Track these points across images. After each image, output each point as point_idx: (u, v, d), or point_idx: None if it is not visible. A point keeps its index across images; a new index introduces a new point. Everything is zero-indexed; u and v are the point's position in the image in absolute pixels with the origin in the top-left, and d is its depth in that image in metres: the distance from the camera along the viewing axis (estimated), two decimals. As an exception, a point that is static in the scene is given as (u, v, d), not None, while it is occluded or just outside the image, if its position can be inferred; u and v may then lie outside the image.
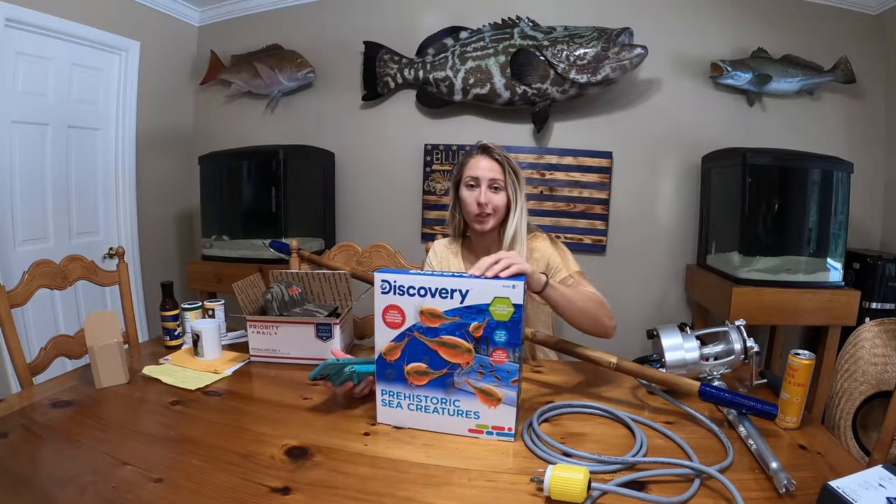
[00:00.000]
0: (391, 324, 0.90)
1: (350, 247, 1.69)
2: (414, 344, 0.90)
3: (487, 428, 0.90)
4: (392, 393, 0.93)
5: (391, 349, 0.91)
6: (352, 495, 0.73)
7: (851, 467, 0.79)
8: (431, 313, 0.88)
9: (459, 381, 0.89)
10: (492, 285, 0.86)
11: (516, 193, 1.26)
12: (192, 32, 2.86)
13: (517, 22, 2.35)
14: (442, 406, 0.91)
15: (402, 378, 0.92)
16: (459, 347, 0.88)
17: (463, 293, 0.86)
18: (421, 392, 0.92)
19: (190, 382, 1.13)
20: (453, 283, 0.87)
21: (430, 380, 0.91)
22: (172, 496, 0.72)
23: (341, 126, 2.69)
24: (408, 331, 0.90)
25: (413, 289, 0.88)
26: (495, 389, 0.88)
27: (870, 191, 2.33)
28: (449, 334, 0.88)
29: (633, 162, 2.45)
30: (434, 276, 0.89)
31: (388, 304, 0.90)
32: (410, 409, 0.93)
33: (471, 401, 0.90)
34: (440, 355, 0.89)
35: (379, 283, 0.90)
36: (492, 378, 0.88)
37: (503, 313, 0.85)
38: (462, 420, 0.91)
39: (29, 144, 2.12)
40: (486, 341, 0.87)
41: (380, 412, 0.95)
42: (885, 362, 1.84)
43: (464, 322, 0.87)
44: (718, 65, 2.26)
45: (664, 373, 1.03)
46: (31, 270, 1.28)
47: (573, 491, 0.69)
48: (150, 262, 2.71)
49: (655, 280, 2.50)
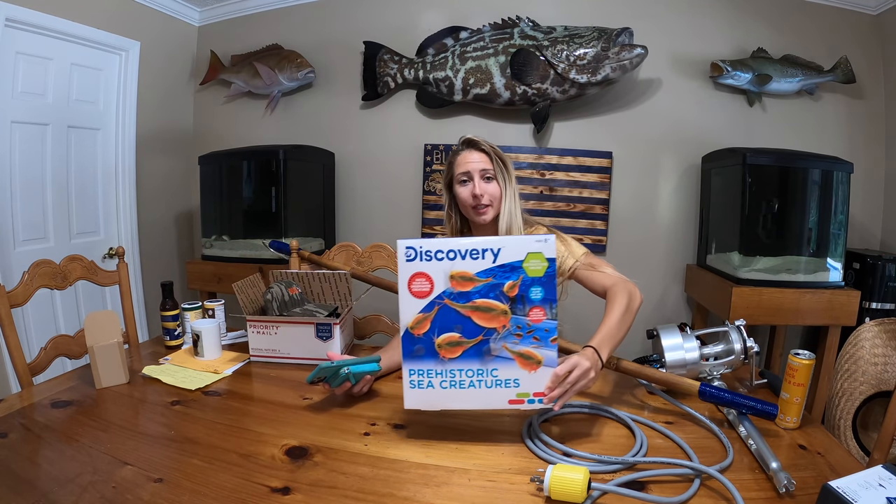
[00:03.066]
0: (418, 293, 0.84)
1: (350, 247, 1.69)
2: (445, 313, 0.84)
3: (528, 396, 0.85)
4: (421, 372, 0.86)
5: (419, 322, 0.85)
6: (352, 495, 0.73)
7: (851, 467, 0.79)
8: (462, 276, 0.83)
9: (496, 348, 0.84)
10: (524, 241, 0.82)
11: (506, 181, 1.26)
12: (192, 32, 2.86)
13: (517, 22, 2.35)
14: (479, 378, 0.85)
15: (432, 353, 0.85)
16: (494, 310, 0.83)
17: (495, 252, 0.82)
18: (454, 366, 0.85)
19: (190, 382, 1.13)
20: (484, 243, 0.83)
21: (464, 350, 0.85)
22: (172, 496, 0.72)
23: (341, 126, 2.69)
24: (437, 299, 0.84)
25: (441, 253, 0.83)
26: (534, 351, 0.84)
27: (870, 191, 2.33)
28: (482, 297, 0.83)
29: (633, 162, 2.45)
30: (460, 238, 0.85)
31: (414, 273, 0.84)
32: (443, 386, 0.86)
33: (509, 367, 0.84)
34: (474, 321, 0.84)
35: (403, 250, 0.84)
36: (530, 339, 0.83)
37: (537, 269, 0.82)
38: (501, 391, 0.85)
39: (29, 144, 2.12)
40: (521, 300, 0.83)
41: (407, 397, 0.88)
42: (885, 362, 1.84)
43: (497, 282, 0.82)
44: (718, 65, 2.26)
45: (664, 373, 1.03)
46: (31, 270, 1.28)
47: (573, 491, 0.69)
48: (150, 262, 2.71)
49: (655, 280, 2.50)
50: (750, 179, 1.99)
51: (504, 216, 1.25)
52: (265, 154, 2.39)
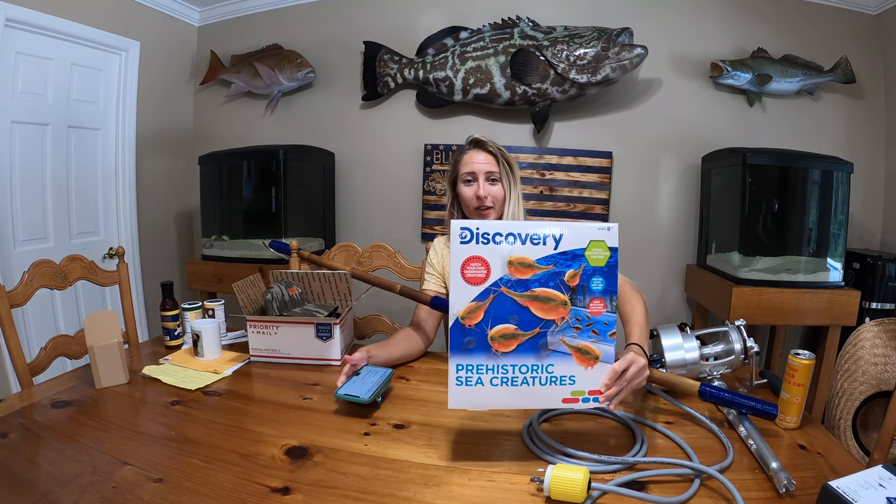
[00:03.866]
0: (472, 279, 0.77)
1: (350, 247, 1.69)
2: (501, 302, 0.78)
3: (583, 394, 0.80)
4: (470, 367, 0.79)
5: (472, 311, 0.78)
6: (352, 495, 0.73)
7: (851, 467, 0.79)
8: (522, 263, 0.77)
9: (553, 342, 0.78)
10: (587, 228, 0.78)
11: (510, 184, 1.26)
12: (192, 32, 2.86)
13: (517, 22, 2.35)
14: (533, 375, 0.79)
15: (484, 346, 0.78)
16: (554, 300, 0.78)
17: (556, 238, 0.77)
18: (507, 360, 0.79)
19: (190, 382, 1.13)
20: (545, 227, 0.77)
21: (519, 343, 0.78)
22: (172, 496, 0.72)
23: (341, 126, 2.69)
24: (493, 286, 0.78)
25: (500, 235, 0.77)
26: (592, 346, 0.79)
27: (870, 191, 2.33)
28: (542, 286, 0.77)
29: (633, 162, 2.45)
30: (522, 222, 0.80)
31: (469, 256, 0.77)
32: (493, 384, 0.79)
33: (566, 363, 0.79)
34: (531, 312, 0.78)
35: (458, 231, 0.78)
36: (588, 333, 0.78)
37: (599, 258, 0.77)
38: (556, 389, 0.80)
39: (29, 144, 2.12)
40: (581, 291, 0.78)
41: (452, 395, 0.80)
42: (885, 362, 1.84)
43: (558, 270, 0.77)
44: (718, 65, 2.26)
45: (664, 373, 1.03)
46: (31, 270, 1.28)
47: (573, 491, 0.69)
48: (150, 262, 2.71)
49: (655, 280, 2.50)
50: (750, 179, 1.99)
51: (506, 219, 1.25)
52: (265, 154, 2.39)
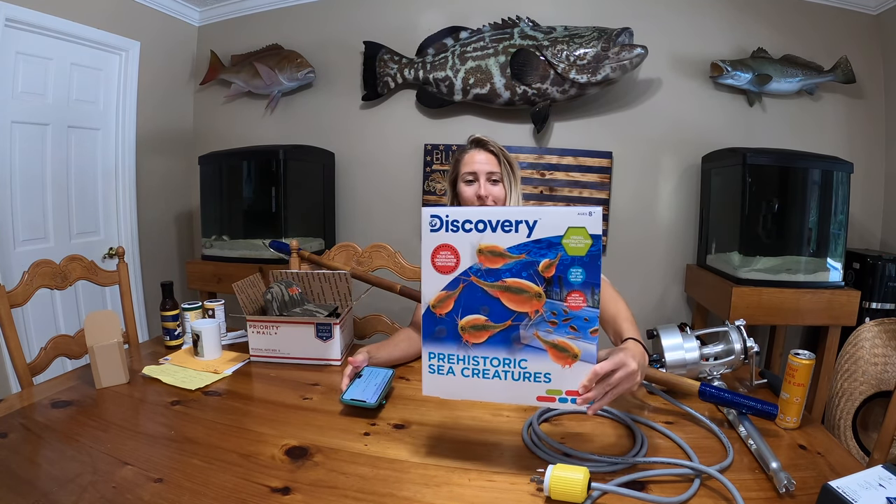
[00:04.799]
0: (442, 268, 0.75)
1: (350, 247, 1.69)
2: (470, 291, 0.75)
3: (560, 394, 0.76)
4: (442, 357, 0.78)
5: (442, 300, 0.76)
6: (352, 495, 0.73)
7: (851, 467, 0.79)
8: (492, 251, 0.73)
9: (526, 336, 0.74)
10: (566, 213, 0.71)
11: (511, 185, 1.26)
12: (192, 32, 2.86)
13: (517, 22, 2.35)
14: (505, 369, 0.76)
15: (454, 336, 0.76)
16: (527, 292, 0.73)
17: (530, 225, 0.72)
18: (478, 352, 0.76)
19: (190, 382, 1.13)
20: (518, 213, 0.72)
21: (491, 335, 0.75)
22: (172, 496, 0.72)
23: (341, 126, 2.69)
24: (463, 275, 0.75)
25: (470, 223, 0.74)
26: (570, 343, 0.74)
27: (870, 191, 2.33)
28: (514, 276, 0.73)
29: (633, 162, 2.45)
30: (493, 208, 0.76)
31: (438, 244, 0.75)
32: (465, 374, 0.77)
33: (540, 359, 0.75)
34: (503, 303, 0.74)
35: (428, 219, 0.75)
36: (566, 329, 0.73)
37: (579, 247, 0.71)
38: (529, 385, 0.76)
39: (29, 144, 2.12)
40: (558, 282, 0.72)
41: (426, 383, 0.79)
42: (885, 362, 1.84)
43: (532, 260, 0.72)
44: (718, 65, 2.26)
45: (664, 373, 1.03)
46: (31, 270, 1.28)
47: (573, 491, 0.69)
48: (150, 262, 2.71)
49: (655, 280, 2.50)
50: (750, 179, 1.99)
51: None
52: (265, 154, 2.39)
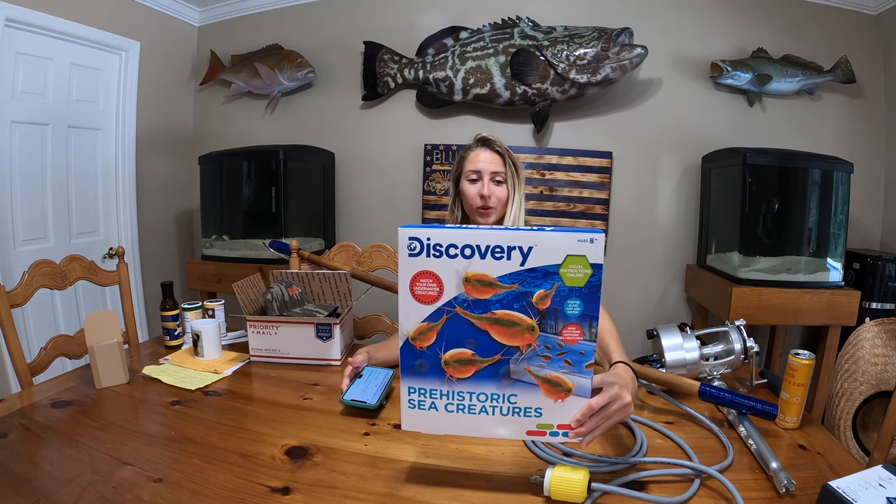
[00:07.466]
0: (423, 297, 0.67)
1: (350, 247, 1.69)
2: (455, 323, 0.68)
3: (552, 427, 0.71)
4: (423, 391, 0.71)
5: (423, 332, 0.69)
6: (352, 495, 0.73)
7: (851, 467, 0.79)
8: (481, 280, 0.66)
9: (517, 371, 0.69)
10: (564, 240, 0.64)
11: (515, 186, 1.26)
12: (192, 32, 2.86)
13: (517, 22, 2.35)
14: (493, 405, 0.71)
15: (437, 371, 0.70)
16: (519, 325, 0.67)
17: (524, 252, 0.65)
18: (464, 387, 0.70)
19: (190, 382, 1.13)
20: (511, 239, 0.65)
21: (477, 370, 0.69)
22: (172, 496, 0.72)
23: (341, 126, 2.69)
24: (447, 306, 0.67)
25: (455, 248, 0.65)
26: (564, 378, 0.69)
27: (870, 191, 2.33)
28: (505, 308, 0.67)
29: (633, 162, 2.45)
30: (482, 231, 0.66)
31: (418, 271, 0.67)
32: (448, 409, 0.72)
33: (531, 395, 0.70)
34: (491, 337, 0.68)
35: (406, 241, 0.66)
36: (560, 363, 0.68)
37: (578, 277, 0.65)
38: (519, 420, 0.71)
39: (29, 144, 2.12)
40: (553, 315, 0.66)
41: (405, 418, 0.74)
42: (885, 362, 1.84)
43: (525, 290, 0.66)
44: (718, 65, 2.26)
45: (664, 373, 1.03)
46: (31, 270, 1.28)
47: (573, 491, 0.69)
48: (150, 262, 2.71)
49: (655, 280, 2.50)
50: (750, 179, 1.99)
51: (508, 221, 1.24)
52: (265, 154, 2.39)
